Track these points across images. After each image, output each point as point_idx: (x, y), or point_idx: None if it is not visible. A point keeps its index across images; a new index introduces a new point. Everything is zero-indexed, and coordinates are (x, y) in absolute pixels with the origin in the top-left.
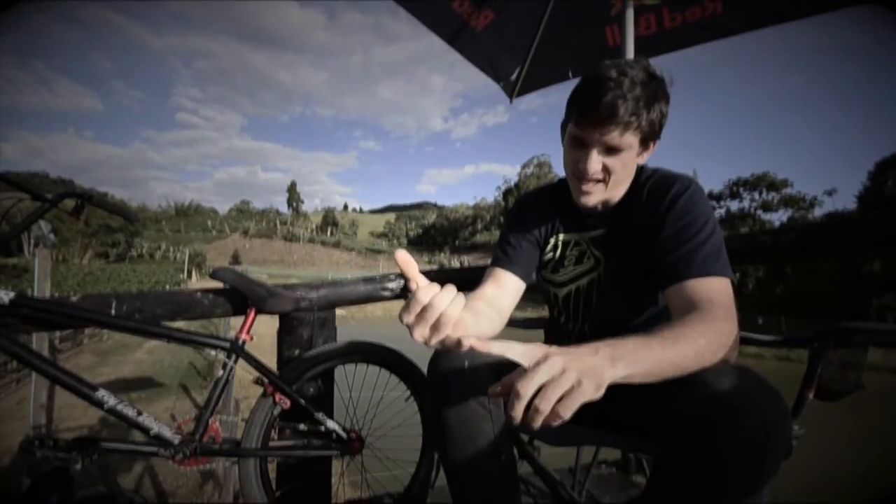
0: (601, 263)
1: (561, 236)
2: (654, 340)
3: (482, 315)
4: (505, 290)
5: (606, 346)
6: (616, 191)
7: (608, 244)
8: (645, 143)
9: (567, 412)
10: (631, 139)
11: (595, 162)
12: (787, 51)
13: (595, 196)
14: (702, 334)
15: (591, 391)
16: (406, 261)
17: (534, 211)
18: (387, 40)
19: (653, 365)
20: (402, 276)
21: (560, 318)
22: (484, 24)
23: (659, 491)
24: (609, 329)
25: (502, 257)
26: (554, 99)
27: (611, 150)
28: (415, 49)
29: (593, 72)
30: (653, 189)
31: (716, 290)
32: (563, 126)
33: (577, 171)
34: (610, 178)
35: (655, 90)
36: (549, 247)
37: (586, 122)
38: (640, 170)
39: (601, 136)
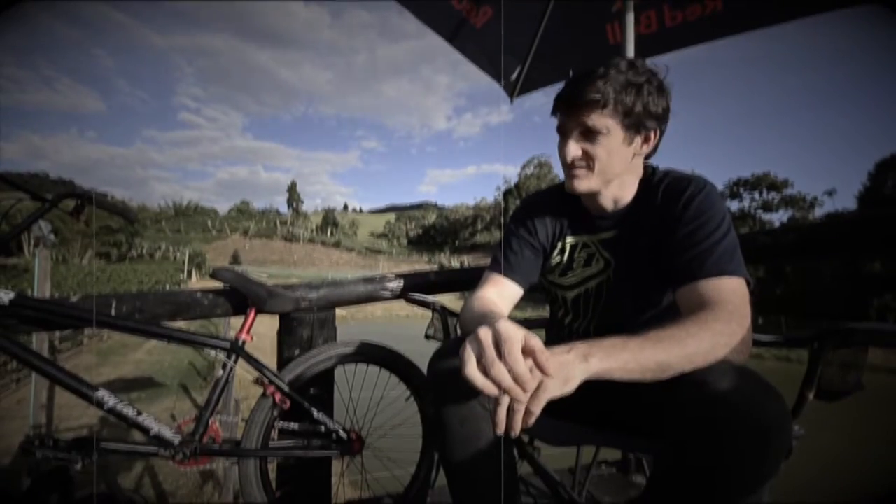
0: (611, 265)
1: (569, 239)
2: (636, 339)
3: None
4: (503, 295)
5: (582, 344)
6: (613, 183)
7: (619, 246)
8: (631, 131)
9: (535, 408)
10: (607, 121)
11: (573, 148)
12: (788, 50)
13: (583, 181)
14: (693, 335)
15: (557, 387)
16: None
17: (539, 214)
18: (392, 39)
19: (628, 361)
20: (402, 276)
21: (565, 318)
22: (483, 20)
23: (659, 491)
24: (615, 328)
25: (503, 263)
26: None
27: (589, 135)
28: (420, 47)
29: None
30: (667, 190)
31: (725, 290)
32: None
33: (562, 160)
34: (595, 164)
35: (636, 77)
36: (556, 251)
37: (560, 110)
38: (653, 171)
39: (576, 118)
